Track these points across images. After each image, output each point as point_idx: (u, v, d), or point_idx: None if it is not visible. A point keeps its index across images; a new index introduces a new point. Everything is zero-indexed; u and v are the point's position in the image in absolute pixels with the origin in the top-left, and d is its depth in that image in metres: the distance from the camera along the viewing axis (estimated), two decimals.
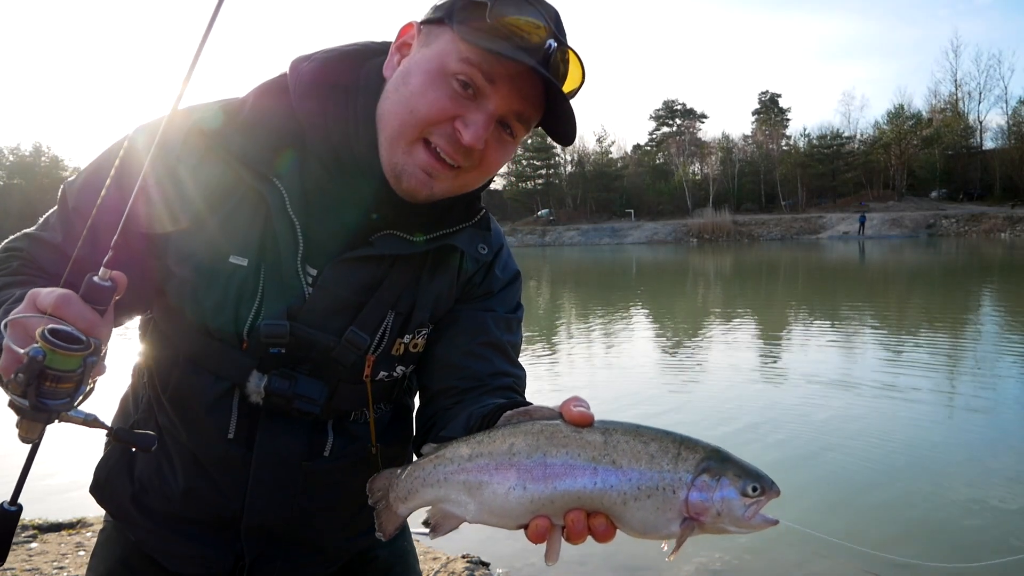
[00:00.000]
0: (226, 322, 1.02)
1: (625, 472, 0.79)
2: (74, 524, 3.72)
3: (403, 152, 0.96)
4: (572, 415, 0.81)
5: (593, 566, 3.40)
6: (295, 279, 1.01)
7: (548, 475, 0.80)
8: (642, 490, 0.79)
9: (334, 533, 1.18)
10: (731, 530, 0.79)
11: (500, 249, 1.19)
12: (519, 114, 0.97)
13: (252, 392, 1.02)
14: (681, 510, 0.78)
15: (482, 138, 0.94)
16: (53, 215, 1.04)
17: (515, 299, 1.20)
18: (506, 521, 0.83)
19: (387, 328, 1.07)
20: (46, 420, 0.76)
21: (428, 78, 0.94)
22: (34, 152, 75.28)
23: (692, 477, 0.78)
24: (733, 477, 0.79)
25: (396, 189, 0.98)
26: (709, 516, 0.78)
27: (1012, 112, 62.99)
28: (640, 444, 0.79)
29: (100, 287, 0.80)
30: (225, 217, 1.01)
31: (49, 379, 0.74)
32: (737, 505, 0.78)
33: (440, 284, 1.11)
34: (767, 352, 9.11)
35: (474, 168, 0.99)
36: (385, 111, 0.98)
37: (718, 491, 0.78)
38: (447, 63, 0.93)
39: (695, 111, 79.32)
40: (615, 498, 0.79)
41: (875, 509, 4.04)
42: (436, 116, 0.93)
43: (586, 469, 0.79)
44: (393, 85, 0.98)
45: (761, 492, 0.79)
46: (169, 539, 1.11)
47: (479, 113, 0.93)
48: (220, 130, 1.00)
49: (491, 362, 1.10)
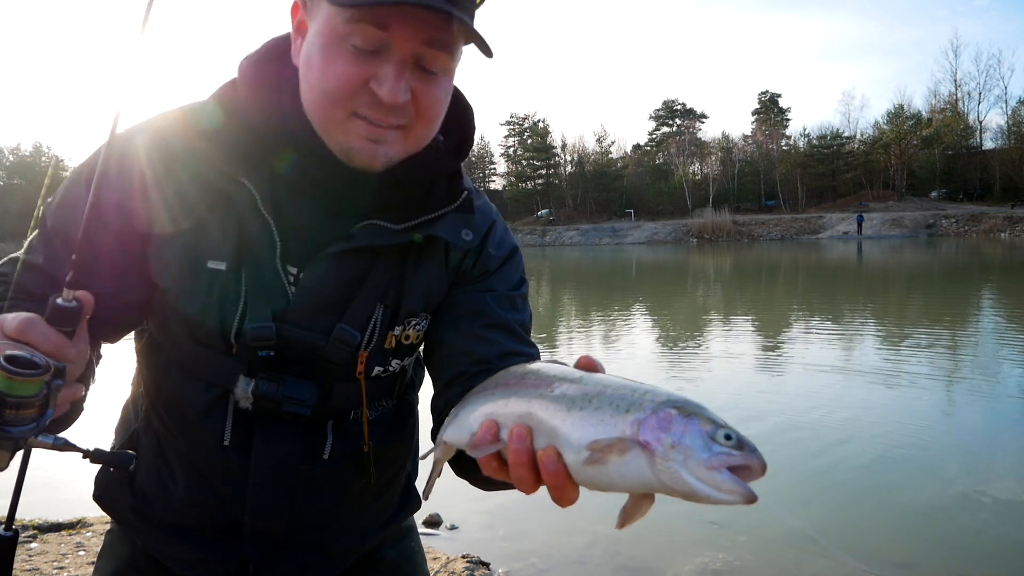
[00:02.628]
0: (212, 328, 1.00)
1: (582, 386, 0.70)
2: (74, 524, 3.72)
3: (341, 133, 0.92)
4: (581, 361, 0.78)
5: (592, 565, 3.39)
6: (276, 279, 1.00)
7: (514, 383, 0.78)
8: (590, 400, 0.68)
9: (340, 534, 1.17)
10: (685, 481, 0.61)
11: (492, 226, 1.14)
12: (430, 43, 0.89)
13: (241, 397, 1.01)
14: (628, 430, 0.64)
15: (399, 89, 0.88)
16: (36, 237, 1.02)
17: (516, 275, 1.15)
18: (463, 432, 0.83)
19: (376, 322, 1.05)
20: (12, 448, 0.75)
21: (325, 53, 0.89)
22: (34, 152, 75.30)
23: (656, 406, 0.65)
24: (706, 420, 0.64)
25: (351, 166, 0.94)
26: (661, 445, 0.62)
27: (1012, 112, 63.18)
28: (617, 380, 0.70)
29: (63, 308, 0.79)
30: (198, 223, 0.99)
31: (9, 406, 0.72)
32: (700, 443, 0.62)
33: (428, 272, 1.08)
34: (767, 352, 9.11)
35: (419, 120, 0.94)
36: (306, 101, 0.94)
37: (680, 424, 0.63)
38: (336, 30, 0.88)
39: (695, 111, 79.47)
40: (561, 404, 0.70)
41: (876, 509, 4.03)
42: (348, 88, 0.89)
43: (549, 382, 0.73)
44: (302, 73, 0.94)
45: (737, 446, 0.62)
46: (174, 544, 1.11)
47: (387, 66, 0.88)
48: (183, 135, 0.98)
49: (499, 343, 1.06)
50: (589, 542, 3.56)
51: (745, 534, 3.64)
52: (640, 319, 13.01)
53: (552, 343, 9.91)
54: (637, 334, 10.99)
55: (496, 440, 0.76)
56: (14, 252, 1.05)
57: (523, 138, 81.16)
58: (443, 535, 3.76)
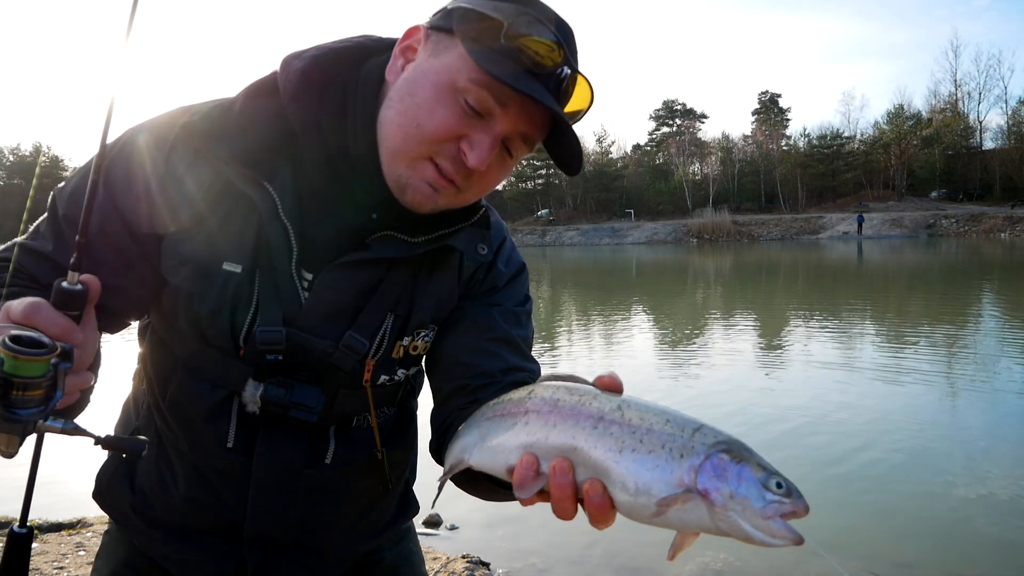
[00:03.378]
0: (222, 329, 1.00)
1: (630, 425, 0.71)
2: (74, 524, 3.72)
3: (407, 166, 0.93)
4: (603, 381, 0.78)
5: (593, 565, 3.39)
6: (290, 285, 0.99)
7: (551, 413, 0.76)
8: (643, 443, 0.69)
9: (338, 538, 1.17)
10: (743, 526, 0.67)
11: (502, 243, 1.16)
12: (524, 136, 0.95)
13: (248, 401, 1.01)
14: (685, 477, 0.67)
15: (487, 161, 0.92)
16: (43, 223, 1.02)
17: (522, 292, 1.18)
18: (499, 457, 0.80)
19: (386, 331, 1.05)
20: (21, 432, 0.74)
21: (436, 93, 0.90)
22: (34, 152, 75.24)
23: (707, 451, 0.68)
24: (757, 467, 0.68)
25: (400, 200, 0.96)
26: (720, 495, 0.66)
27: (1012, 112, 63.10)
28: (657, 412, 0.72)
29: (69, 292, 0.78)
30: (217, 223, 0.98)
31: (15, 387, 0.71)
32: (756, 494, 0.66)
33: (440, 285, 1.09)
34: (766, 351, 9.10)
35: (473, 187, 0.98)
36: (388, 120, 0.94)
37: (736, 472, 0.67)
38: (457, 80, 0.89)
39: (695, 111, 79.39)
40: (610, 445, 0.70)
41: (875, 509, 4.03)
42: (443, 135, 0.91)
43: (590, 416, 0.73)
44: (398, 94, 0.94)
45: (787, 493, 0.67)
46: (172, 546, 1.11)
47: (485, 135, 0.91)
48: (210, 133, 0.97)
49: (503, 358, 1.07)
50: (589, 542, 3.56)
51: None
52: (640, 319, 13.01)
53: (553, 343, 9.91)
54: (637, 334, 10.98)
55: (538, 476, 0.75)
56: None
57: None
58: (443, 535, 3.76)
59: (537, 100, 0.87)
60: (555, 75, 0.91)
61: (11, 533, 0.82)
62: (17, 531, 0.82)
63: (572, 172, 0.98)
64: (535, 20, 0.90)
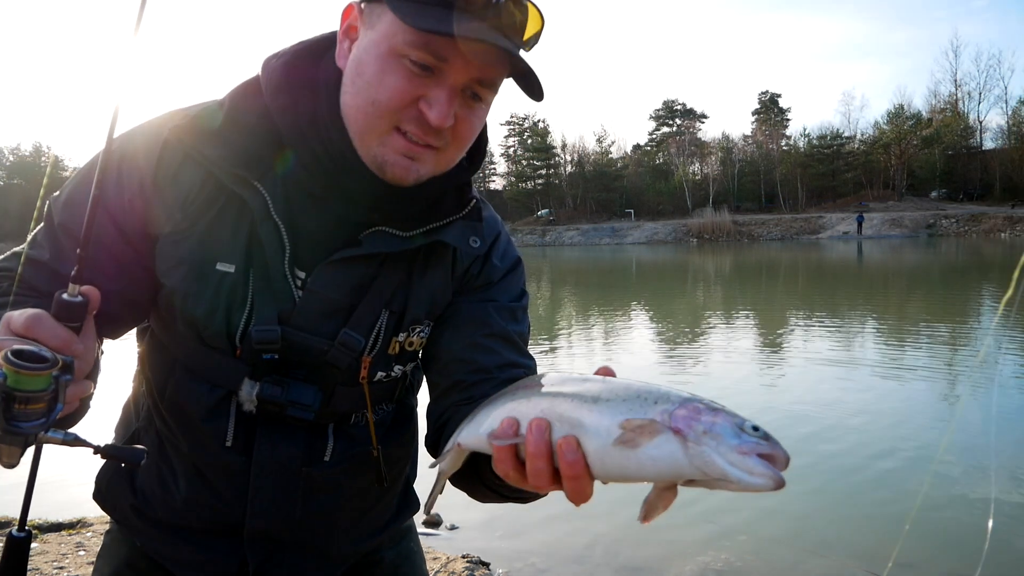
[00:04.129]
0: (218, 330, 1.00)
1: (609, 385, 0.71)
2: (74, 524, 3.72)
3: (377, 144, 0.93)
4: (600, 369, 0.78)
5: (593, 565, 3.39)
6: (284, 283, 1.00)
7: (536, 385, 0.79)
8: (619, 395, 0.69)
9: (338, 537, 1.17)
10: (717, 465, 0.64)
11: (497, 237, 1.16)
12: (481, 80, 0.92)
13: (245, 400, 1.01)
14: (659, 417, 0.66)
15: (448, 115, 0.90)
16: (40, 232, 1.02)
17: (518, 287, 1.17)
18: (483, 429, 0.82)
19: (381, 328, 1.05)
20: (23, 444, 0.74)
21: (380, 64, 0.89)
22: (34, 152, 75.25)
23: (682, 400, 0.68)
24: (729, 414, 0.67)
25: (383, 178, 0.95)
26: (693, 431, 0.65)
27: (1012, 112, 63.20)
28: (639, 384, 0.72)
29: (70, 303, 0.79)
30: (209, 224, 0.99)
31: (18, 401, 0.72)
32: (729, 430, 0.65)
33: (434, 280, 1.09)
34: (766, 351, 9.10)
35: (452, 144, 0.96)
36: (347, 104, 0.94)
37: (709, 414, 0.66)
38: (395, 44, 0.88)
39: (695, 111, 79.47)
40: (586, 400, 0.70)
41: (875, 508, 4.03)
42: (398, 102, 0.90)
43: (574, 380, 0.75)
44: (349, 77, 0.93)
45: (764, 437, 0.65)
46: (173, 545, 1.11)
47: (440, 90, 0.89)
48: (199, 135, 0.97)
49: (498, 354, 1.07)
50: (589, 542, 3.56)
51: (745, 534, 3.65)
52: (640, 319, 13.01)
53: (553, 343, 9.91)
54: (638, 334, 10.99)
55: (516, 435, 0.75)
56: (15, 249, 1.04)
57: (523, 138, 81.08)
58: (443, 535, 3.76)
59: (475, 40, 0.85)
60: (490, 6, 0.88)
61: (10, 537, 0.83)
62: (16, 535, 0.83)
63: (536, 96, 0.93)
64: None
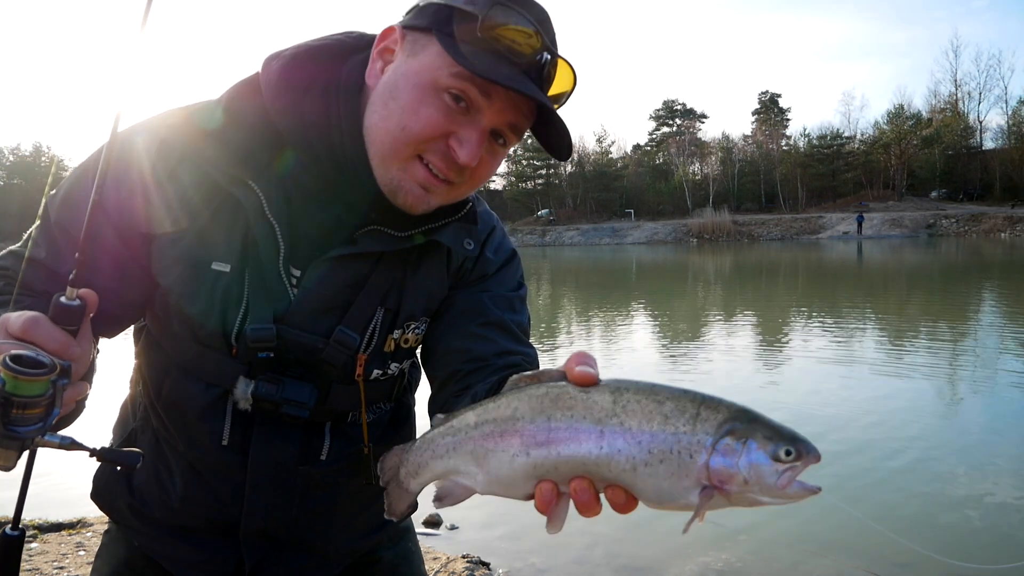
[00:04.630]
0: (214, 329, 1.00)
1: (634, 434, 0.71)
2: (74, 524, 3.72)
3: (397, 169, 0.94)
4: (575, 375, 0.74)
5: (593, 565, 3.39)
6: (278, 282, 1.00)
7: (551, 440, 0.74)
8: (654, 454, 0.70)
9: (335, 536, 1.17)
10: (764, 501, 0.69)
11: (491, 232, 1.16)
12: (513, 125, 0.96)
13: (240, 398, 1.01)
14: (700, 477, 0.69)
15: (477, 155, 0.92)
16: (36, 230, 1.02)
17: (514, 278, 1.17)
18: (513, 490, 0.79)
19: (376, 325, 1.06)
20: (19, 448, 0.75)
21: (419, 93, 0.90)
22: (34, 152, 75.26)
23: (713, 440, 0.69)
24: (762, 440, 0.69)
25: (392, 202, 0.96)
26: (735, 484, 0.68)
27: (1012, 112, 63.19)
28: (654, 404, 0.71)
29: (68, 307, 0.78)
30: (206, 223, 0.99)
31: (15, 406, 0.72)
32: (768, 471, 0.68)
33: (429, 277, 1.09)
34: (766, 350, 9.10)
35: (467, 181, 0.98)
36: (374, 125, 0.94)
37: (744, 456, 0.68)
38: (438, 78, 0.89)
39: (695, 111, 79.40)
40: (623, 463, 0.71)
41: (875, 508, 4.03)
42: (429, 133, 0.91)
43: (591, 432, 0.72)
44: (380, 98, 0.94)
45: (797, 456, 0.68)
46: (170, 545, 1.11)
47: (473, 130, 0.91)
48: (196, 134, 0.98)
49: (495, 342, 1.07)
50: (589, 542, 3.56)
51: (745, 534, 3.64)
52: (640, 319, 13.00)
53: (553, 343, 9.91)
54: (638, 333, 10.98)
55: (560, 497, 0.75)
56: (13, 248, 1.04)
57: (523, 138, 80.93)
58: (443, 535, 3.76)
59: (520, 91, 0.87)
60: (535, 62, 0.91)
61: (3, 536, 0.83)
62: (9, 533, 0.83)
63: (562, 157, 0.98)
64: (510, 9, 0.89)
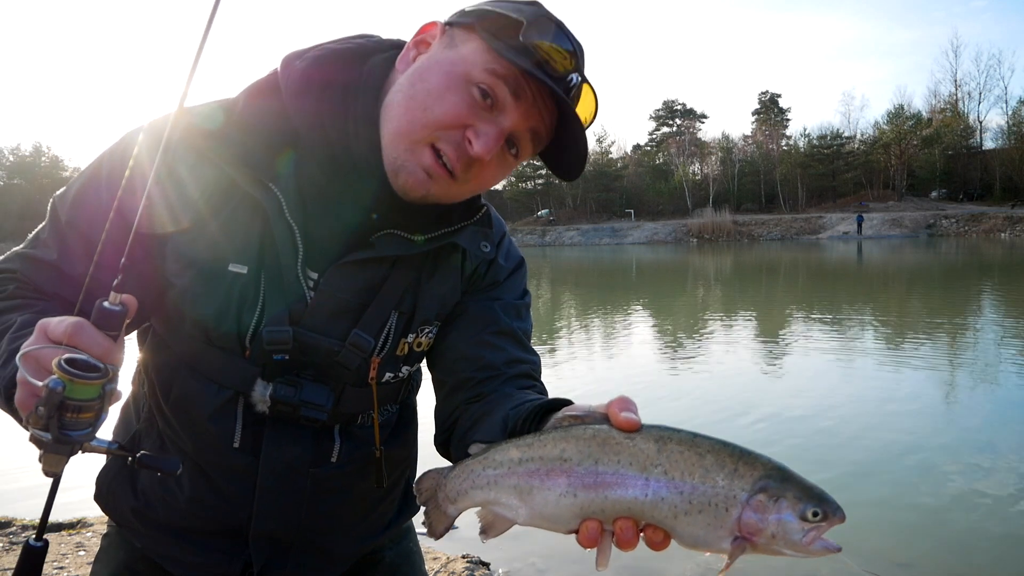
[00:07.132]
0: (228, 330, 1.00)
1: (676, 484, 0.77)
2: (74, 524, 3.71)
3: (406, 148, 0.94)
4: (619, 421, 0.77)
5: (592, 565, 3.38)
6: (296, 284, 0.99)
7: (599, 483, 0.79)
8: (693, 504, 0.76)
9: (342, 537, 1.17)
10: (787, 553, 0.76)
11: (503, 238, 1.18)
12: (533, 132, 0.96)
13: (258, 401, 1.01)
14: (733, 528, 0.76)
15: (493, 150, 0.92)
16: (44, 231, 1.01)
17: (521, 286, 1.20)
18: (557, 526, 0.83)
19: (391, 329, 1.06)
20: (69, 452, 0.75)
21: (448, 80, 0.92)
22: (34, 152, 75.10)
23: (748, 496, 0.75)
24: (792, 499, 0.75)
25: (392, 183, 0.96)
26: (763, 537, 0.75)
27: (1012, 112, 63.16)
28: (695, 456, 0.77)
29: (111, 312, 0.78)
30: (222, 224, 0.98)
31: (70, 410, 0.72)
32: (794, 529, 0.75)
33: (443, 282, 1.09)
34: (766, 350, 9.10)
35: (471, 181, 0.97)
36: (394, 102, 0.95)
37: (774, 513, 0.75)
38: (471, 71, 0.91)
39: (695, 111, 79.41)
40: (666, 511, 0.77)
41: (875, 508, 4.03)
42: (449, 121, 0.92)
43: (637, 479, 0.77)
44: (408, 79, 0.95)
45: (823, 517, 0.75)
46: (175, 547, 1.10)
47: (493, 126, 0.92)
48: (213, 133, 0.97)
49: (505, 350, 1.09)
50: None
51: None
52: (641, 319, 13.00)
53: (553, 343, 9.91)
54: (638, 333, 10.98)
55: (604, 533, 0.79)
56: None
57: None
58: None
59: (553, 88, 0.89)
60: (566, 82, 0.93)
61: (26, 546, 0.82)
62: (32, 544, 0.82)
63: (573, 175, 1.00)
64: (556, 28, 0.93)
